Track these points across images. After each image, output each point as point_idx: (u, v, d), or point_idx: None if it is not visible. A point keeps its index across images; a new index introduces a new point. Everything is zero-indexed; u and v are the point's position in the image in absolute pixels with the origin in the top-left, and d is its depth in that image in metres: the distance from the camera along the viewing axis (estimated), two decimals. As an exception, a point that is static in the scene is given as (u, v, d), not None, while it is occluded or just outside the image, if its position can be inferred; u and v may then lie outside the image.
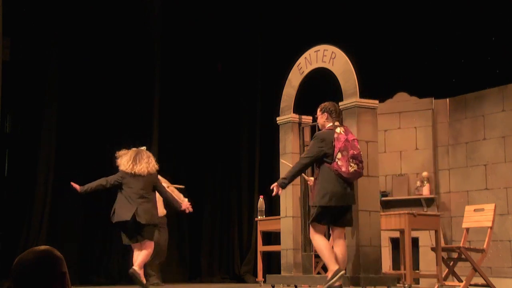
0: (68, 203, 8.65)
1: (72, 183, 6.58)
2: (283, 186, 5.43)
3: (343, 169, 5.14)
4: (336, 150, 5.18)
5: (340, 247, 5.31)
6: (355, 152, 5.19)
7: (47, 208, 8.33)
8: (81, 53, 8.87)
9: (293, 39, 9.46)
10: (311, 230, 5.37)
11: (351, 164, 5.16)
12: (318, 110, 5.51)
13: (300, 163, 5.42)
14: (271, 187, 5.45)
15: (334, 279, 5.10)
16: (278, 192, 5.47)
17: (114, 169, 9.29)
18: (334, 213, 5.29)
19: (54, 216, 8.45)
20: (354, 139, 5.28)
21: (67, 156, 8.67)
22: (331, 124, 5.36)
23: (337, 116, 5.44)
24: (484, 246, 6.41)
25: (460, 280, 6.58)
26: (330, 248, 5.27)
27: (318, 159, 5.28)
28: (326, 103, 5.48)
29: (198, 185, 9.70)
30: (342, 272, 5.16)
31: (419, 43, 9.58)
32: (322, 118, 5.46)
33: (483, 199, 8.54)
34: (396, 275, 6.30)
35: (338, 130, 5.28)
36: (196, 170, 9.87)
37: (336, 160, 5.16)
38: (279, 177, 6.32)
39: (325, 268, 7.24)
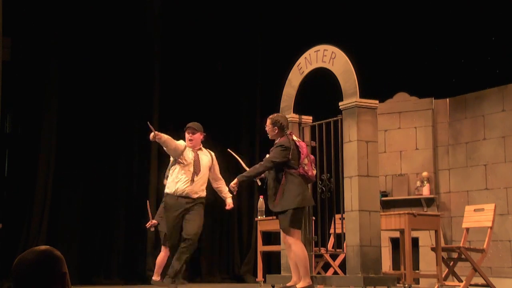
0: (68, 203, 8.65)
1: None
2: (243, 183, 5.85)
3: (310, 173, 5.56)
4: (303, 156, 5.54)
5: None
6: (313, 157, 5.77)
7: (47, 208, 8.33)
8: (81, 53, 8.87)
9: (293, 39, 9.45)
10: (293, 236, 5.51)
11: (313, 168, 5.67)
12: (269, 121, 5.71)
13: (264, 165, 5.62)
14: (232, 186, 5.71)
15: None
16: (235, 191, 5.86)
17: (114, 169, 9.34)
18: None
19: (54, 216, 8.45)
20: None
21: (67, 156, 8.67)
22: (283, 135, 5.62)
23: (288, 128, 5.72)
24: (484, 246, 6.41)
25: (460, 280, 6.58)
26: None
27: (280, 166, 5.54)
28: (277, 117, 5.70)
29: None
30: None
31: (419, 43, 9.58)
32: (273, 131, 5.69)
33: (483, 199, 8.54)
34: (396, 275, 6.30)
35: (295, 138, 5.68)
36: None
37: (303, 165, 5.53)
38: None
39: (325, 268, 7.25)
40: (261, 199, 7.72)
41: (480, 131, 8.90)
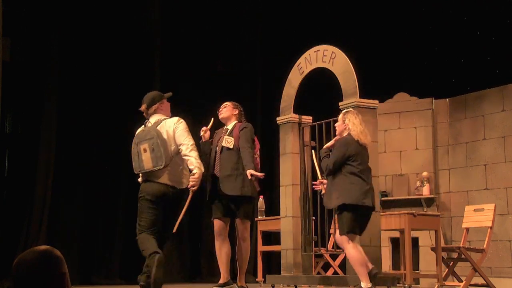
0: (68, 203, 8.65)
1: None
2: None
3: None
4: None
5: None
6: None
7: (47, 208, 8.32)
8: (81, 53, 8.86)
9: (293, 39, 9.45)
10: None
11: None
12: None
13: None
14: None
15: None
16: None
17: (114, 168, 9.30)
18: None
19: (54, 216, 8.44)
20: None
21: (67, 156, 8.66)
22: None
23: None
24: (484, 246, 6.41)
25: (460, 280, 6.58)
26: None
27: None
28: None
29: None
30: None
31: (419, 43, 9.58)
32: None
33: (483, 199, 8.54)
34: (396, 275, 6.30)
35: None
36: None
37: None
38: (278, 177, 6.33)
39: (325, 268, 7.24)
40: (261, 199, 7.71)
41: (480, 131, 8.90)
